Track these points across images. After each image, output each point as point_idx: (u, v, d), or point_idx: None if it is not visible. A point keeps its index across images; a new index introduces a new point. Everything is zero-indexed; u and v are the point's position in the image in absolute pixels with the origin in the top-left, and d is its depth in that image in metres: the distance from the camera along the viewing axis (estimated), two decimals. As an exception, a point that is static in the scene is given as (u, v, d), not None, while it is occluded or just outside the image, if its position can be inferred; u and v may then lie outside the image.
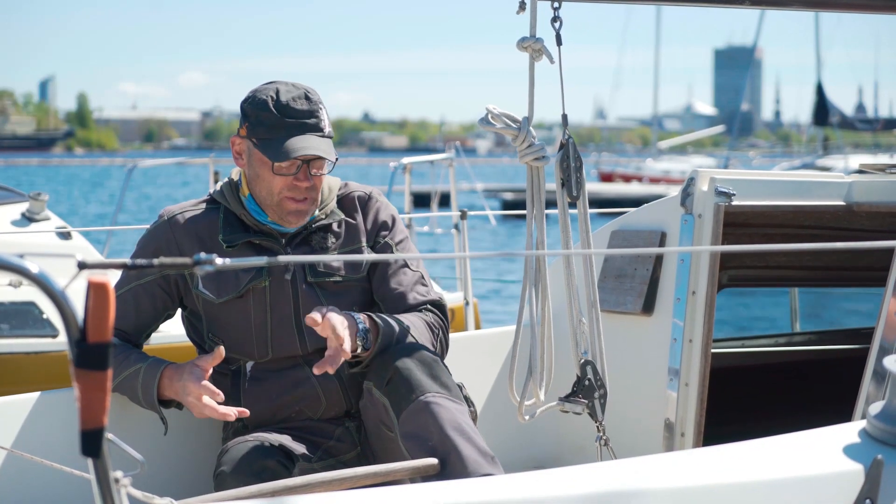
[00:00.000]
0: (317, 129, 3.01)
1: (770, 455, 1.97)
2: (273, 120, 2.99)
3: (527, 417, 3.05)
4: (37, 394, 3.05)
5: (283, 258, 1.69)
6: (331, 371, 2.84)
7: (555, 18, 2.91)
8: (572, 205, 3.01)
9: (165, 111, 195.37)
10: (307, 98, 3.02)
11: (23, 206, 6.48)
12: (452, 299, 7.18)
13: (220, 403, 3.01)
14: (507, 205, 32.34)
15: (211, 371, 2.94)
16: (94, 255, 6.39)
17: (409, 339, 2.97)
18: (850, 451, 1.96)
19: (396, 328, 2.97)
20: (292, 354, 3.05)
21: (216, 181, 9.61)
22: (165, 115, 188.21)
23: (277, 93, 3.01)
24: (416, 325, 3.03)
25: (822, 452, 1.97)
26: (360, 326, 2.90)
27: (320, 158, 3.00)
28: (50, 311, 5.90)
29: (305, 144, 2.97)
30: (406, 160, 8.12)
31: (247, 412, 2.92)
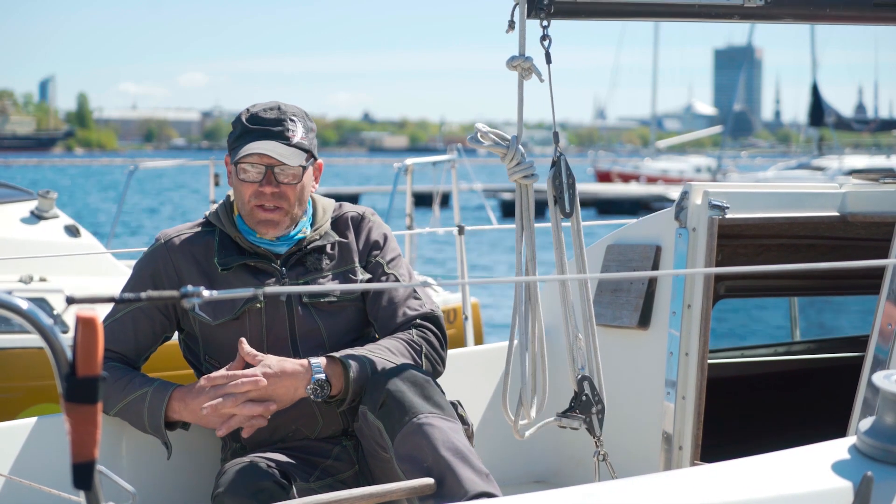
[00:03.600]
0: (281, 136, 3.07)
1: (760, 473, 1.99)
2: (241, 128, 3.10)
3: (525, 434, 3.05)
4: (34, 419, 3.05)
5: (269, 289, 1.71)
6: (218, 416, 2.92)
7: (544, 37, 2.91)
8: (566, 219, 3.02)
9: (165, 111, 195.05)
10: (278, 109, 3.11)
11: (31, 205, 6.51)
12: (454, 300, 7.21)
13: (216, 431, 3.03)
14: (505, 204, 32.47)
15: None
16: (102, 255, 6.41)
17: (388, 364, 2.98)
18: (839, 467, 1.98)
19: (368, 362, 2.97)
20: None
21: (216, 183, 9.63)
22: (165, 115, 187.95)
23: (254, 106, 3.13)
24: (395, 349, 3.04)
25: (813, 469, 1.98)
26: (315, 377, 2.94)
27: (282, 164, 3.04)
28: (61, 308, 5.92)
29: (259, 146, 3.04)
30: (409, 161, 8.17)
31: (264, 422, 2.95)
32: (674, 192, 32.60)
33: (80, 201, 40.75)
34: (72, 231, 6.50)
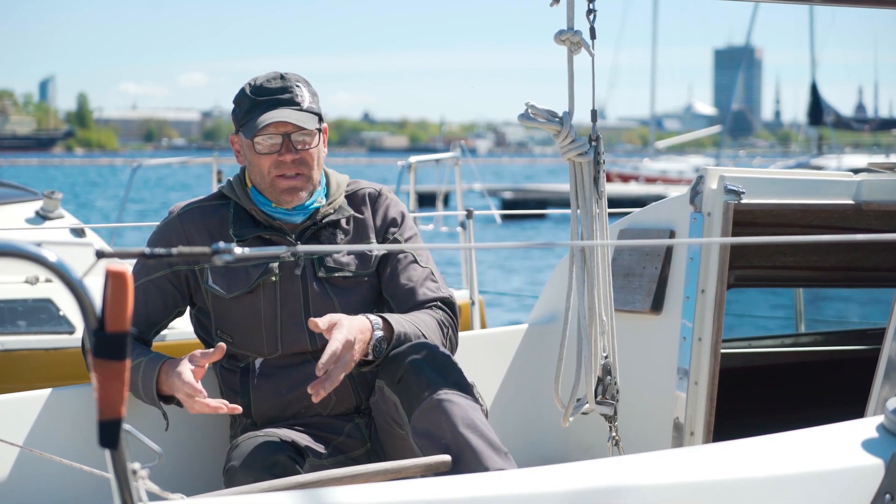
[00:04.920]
0: (291, 102, 3.05)
1: (787, 450, 1.97)
2: (249, 102, 3.07)
3: (568, 421, 3.00)
4: (48, 390, 3.04)
5: (302, 247, 1.68)
6: (324, 392, 2.80)
7: (589, 11, 2.86)
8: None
9: (165, 111, 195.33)
10: (282, 77, 3.09)
11: (36, 205, 6.49)
12: (459, 297, 7.18)
13: (230, 400, 3.02)
14: (506, 204, 32.40)
15: (206, 367, 2.92)
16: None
17: (421, 337, 2.96)
18: (868, 445, 1.96)
19: (409, 329, 2.95)
20: (301, 350, 3.05)
21: (219, 181, 9.62)
22: (165, 115, 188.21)
23: (255, 80, 3.10)
24: (427, 324, 3.02)
25: (840, 447, 1.97)
26: (377, 335, 2.90)
27: (299, 129, 3.02)
28: (66, 308, 5.91)
29: (274, 114, 3.02)
30: (413, 159, 8.17)
31: (238, 408, 2.89)
32: (673, 193, 32.56)
33: (82, 201, 40.75)
34: (77, 232, 6.48)
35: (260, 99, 3.05)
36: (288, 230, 3.09)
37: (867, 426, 2.02)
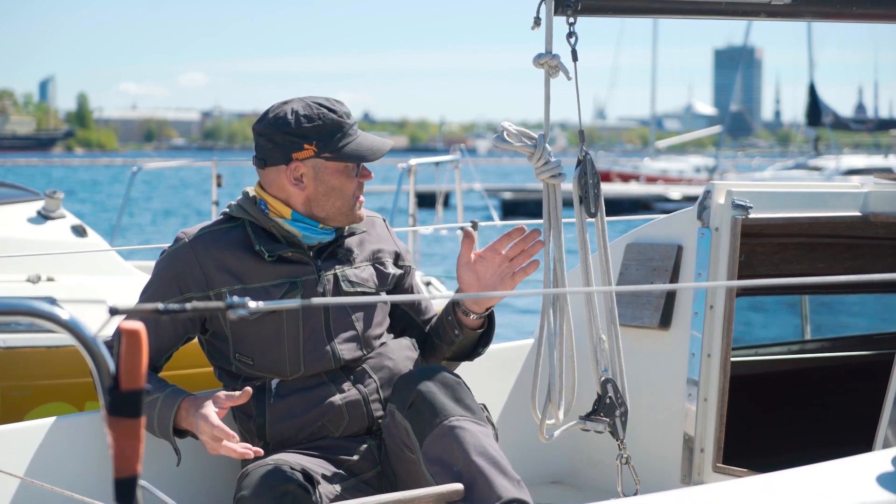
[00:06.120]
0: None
1: (799, 486, 1.94)
2: (345, 127, 3.02)
3: (547, 437, 3.01)
4: (50, 419, 2.99)
5: (316, 300, 1.67)
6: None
7: (570, 34, 2.86)
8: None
9: (165, 111, 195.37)
10: (338, 102, 3.10)
11: (38, 205, 6.48)
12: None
13: (242, 421, 3.02)
14: (505, 204, 32.51)
15: (229, 408, 2.92)
16: (109, 255, 6.40)
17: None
18: (882, 480, 1.94)
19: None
20: (326, 369, 3.02)
21: (219, 185, 9.60)
22: (165, 115, 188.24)
23: (326, 105, 3.03)
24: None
25: (854, 483, 1.94)
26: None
27: (382, 156, 3.10)
28: (68, 306, 5.88)
29: (379, 140, 3.09)
30: (413, 161, 8.17)
31: (261, 451, 2.88)
32: (673, 192, 32.67)
33: (82, 202, 40.76)
34: (78, 231, 6.47)
35: (350, 122, 3.05)
36: (306, 247, 3.07)
37: (881, 460, 1.99)
